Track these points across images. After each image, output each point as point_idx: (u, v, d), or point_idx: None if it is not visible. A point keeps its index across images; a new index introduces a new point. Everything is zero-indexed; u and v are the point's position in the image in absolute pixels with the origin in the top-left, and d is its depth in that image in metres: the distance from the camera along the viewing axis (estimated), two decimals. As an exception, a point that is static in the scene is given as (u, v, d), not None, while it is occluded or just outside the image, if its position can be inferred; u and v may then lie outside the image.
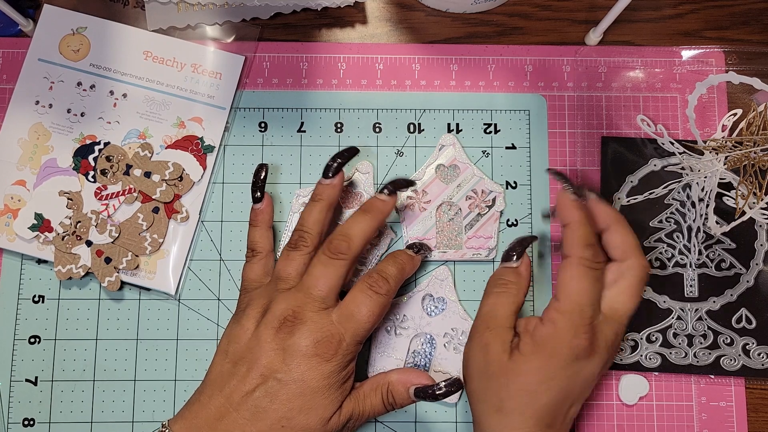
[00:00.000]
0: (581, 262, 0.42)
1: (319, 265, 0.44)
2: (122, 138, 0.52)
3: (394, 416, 0.50)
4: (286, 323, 0.42)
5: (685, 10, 0.56)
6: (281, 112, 0.54)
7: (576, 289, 0.42)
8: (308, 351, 0.42)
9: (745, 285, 0.51)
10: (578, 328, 0.41)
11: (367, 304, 0.43)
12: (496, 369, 0.42)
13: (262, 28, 0.54)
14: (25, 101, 0.52)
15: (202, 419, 0.41)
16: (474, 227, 0.51)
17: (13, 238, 0.51)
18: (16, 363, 0.50)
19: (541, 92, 0.54)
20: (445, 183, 0.52)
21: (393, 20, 0.55)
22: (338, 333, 0.42)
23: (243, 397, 0.41)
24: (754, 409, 0.51)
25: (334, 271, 0.44)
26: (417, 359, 0.50)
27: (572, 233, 0.43)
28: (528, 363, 0.41)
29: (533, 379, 0.41)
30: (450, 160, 0.52)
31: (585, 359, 0.41)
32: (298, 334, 0.42)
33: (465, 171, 0.52)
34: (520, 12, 0.56)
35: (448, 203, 0.52)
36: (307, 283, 0.43)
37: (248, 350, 0.42)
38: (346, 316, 0.43)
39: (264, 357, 0.42)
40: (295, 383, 0.41)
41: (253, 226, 0.49)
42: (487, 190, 0.52)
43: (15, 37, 0.54)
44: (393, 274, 0.45)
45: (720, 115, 0.53)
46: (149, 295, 0.51)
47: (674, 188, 0.52)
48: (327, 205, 0.46)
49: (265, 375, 0.42)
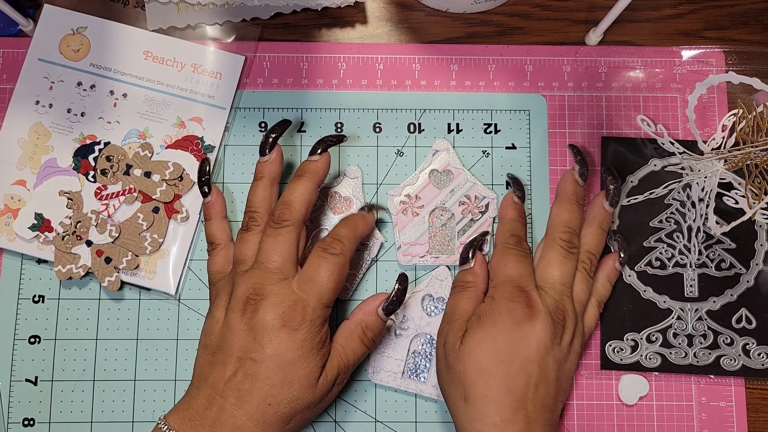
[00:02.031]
0: (505, 246, 0.47)
1: (267, 238, 0.44)
2: (122, 138, 0.52)
3: (393, 416, 0.50)
4: (249, 302, 0.43)
5: (685, 10, 0.56)
6: (281, 112, 0.54)
7: (503, 265, 0.46)
8: (275, 324, 0.42)
9: (745, 285, 0.51)
10: (512, 294, 0.44)
11: (324, 266, 0.44)
12: (453, 357, 0.44)
13: (262, 28, 0.54)
14: (25, 101, 0.52)
15: (194, 410, 0.42)
16: (467, 233, 0.51)
17: (13, 238, 0.51)
18: (16, 363, 0.50)
19: (541, 92, 0.54)
20: (438, 188, 0.52)
21: (393, 20, 0.55)
22: (301, 300, 0.43)
23: (225, 383, 0.42)
24: (754, 409, 0.51)
25: (283, 240, 0.44)
26: (417, 359, 0.50)
27: (501, 227, 0.49)
28: (474, 337, 0.44)
29: (482, 353, 0.43)
30: (443, 165, 0.52)
31: (526, 322, 0.43)
32: (261, 311, 0.42)
33: (458, 176, 0.52)
34: (520, 12, 0.56)
35: (441, 208, 0.52)
36: (261, 259, 0.44)
37: (222, 338, 0.43)
38: (306, 281, 0.43)
39: (237, 341, 0.43)
40: (271, 359, 0.42)
41: (208, 220, 0.50)
42: (480, 196, 0.52)
43: (15, 37, 0.54)
44: (345, 234, 0.46)
45: (720, 115, 0.53)
46: (149, 295, 0.51)
47: (674, 188, 0.52)
48: (269, 181, 0.47)
49: (242, 358, 0.42)
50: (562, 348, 0.45)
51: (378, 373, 0.50)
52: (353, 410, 0.50)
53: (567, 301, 0.46)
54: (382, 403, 0.50)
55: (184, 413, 0.43)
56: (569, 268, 0.46)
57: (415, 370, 0.50)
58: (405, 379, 0.50)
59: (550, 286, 0.46)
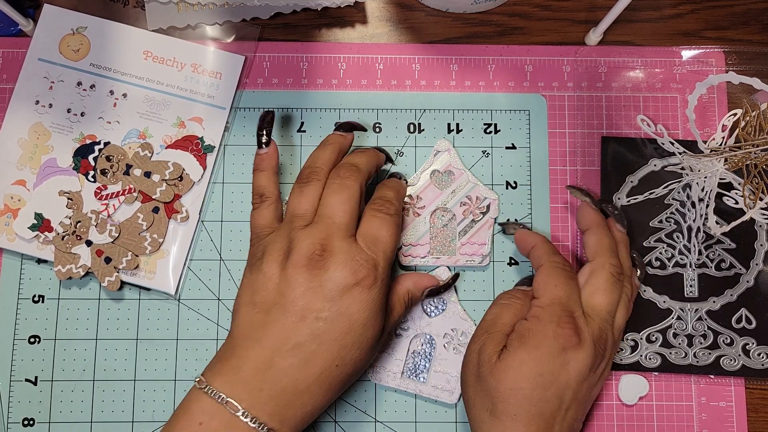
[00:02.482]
0: (552, 265, 0.45)
1: (332, 194, 0.43)
2: (122, 138, 0.52)
3: (393, 416, 0.50)
4: (315, 258, 0.41)
5: (685, 10, 0.56)
6: (281, 112, 0.54)
7: (552, 285, 0.44)
8: (348, 282, 0.41)
9: (745, 285, 0.51)
10: (560, 318, 0.43)
11: (385, 226, 0.43)
12: (487, 370, 0.43)
13: (262, 28, 0.54)
14: (25, 101, 0.52)
15: (247, 372, 0.40)
16: (468, 234, 0.51)
17: (13, 238, 0.51)
18: (16, 363, 0.50)
19: (541, 92, 0.54)
20: (439, 189, 0.52)
21: (393, 20, 0.55)
22: (372, 258, 0.42)
23: (286, 343, 0.40)
24: (754, 409, 0.51)
25: (349, 195, 0.43)
26: (417, 359, 0.50)
27: (539, 250, 0.47)
28: (514, 357, 0.42)
29: (521, 375, 0.41)
30: (445, 165, 0.52)
31: (571, 350, 0.42)
32: (332, 268, 0.41)
33: (460, 177, 0.52)
34: (520, 12, 0.56)
35: (442, 209, 0.51)
36: (326, 213, 0.43)
37: (280, 295, 0.41)
38: (372, 241, 0.43)
39: (300, 299, 0.40)
40: (343, 319, 0.40)
41: (260, 171, 0.47)
42: (481, 197, 0.52)
43: (15, 36, 0.54)
44: (392, 196, 0.46)
45: (720, 115, 0.53)
46: (149, 295, 0.51)
47: (674, 188, 0.52)
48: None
49: (306, 317, 0.40)
50: (596, 375, 0.44)
51: (378, 373, 0.50)
52: (353, 410, 0.50)
53: (609, 330, 0.44)
54: (382, 403, 0.50)
55: (234, 376, 0.40)
56: (616, 296, 0.45)
57: (414, 370, 0.50)
58: (404, 379, 0.50)
59: (597, 313, 0.44)
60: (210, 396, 0.40)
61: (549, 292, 0.44)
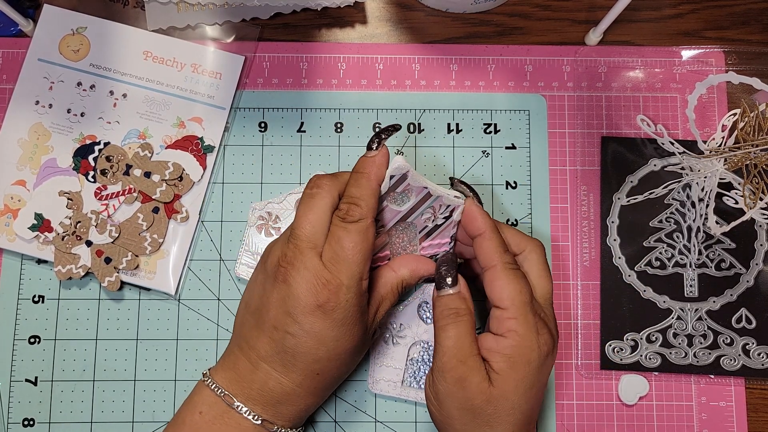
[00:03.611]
0: (507, 267, 0.42)
1: (300, 205, 0.42)
2: (122, 138, 0.52)
3: (393, 416, 0.50)
4: (280, 269, 0.40)
5: (685, 10, 0.56)
6: (281, 112, 0.54)
7: (515, 292, 0.41)
8: (308, 302, 0.39)
9: (745, 285, 0.51)
10: (535, 325, 0.41)
11: (348, 237, 0.40)
12: (481, 401, 0.40)
13: (262, 28, 0.54)
14: (25, 101, 0.52)
15: (241, 370, 0.42)
16: (430, 236, 0.47)
17: (13, 238, 0.51)
18: (16, 363, 0.50)
19: (541, 92, 0.54)
20: (398, 206, 0.45)
21: (393, 20, 0.55)
22: (334, 280, 0.40)
23: (267, 349, 0.41)
24: (754, 409, 0.51)
25: (313, 204, 0.41)
26: (415, 367, 0.50)
27: (489, 242, 0.43)
28: (508, 381, 0.40)
29: (518, 394, 0.41)
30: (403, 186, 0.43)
31: (551, 354, 0.42)
32: (294, 284, 0.40)
33: (420, 193, 0.44)
34: (520, 12, 0.56)
35: (401, 222, 0.46)
36: (293, 225, 0.42)
37: (260, 301, 0.42)
38: (334, 259, 0.40)
39: (272, 309, 0.41)
40: (308, 336, 0.40)
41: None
42: (445, 205, 0.45)
43: (15, 37, 0.54)
44: (358, 194, 0.41)
45: (720, 115, 0.53)
46: (149, 295, 0.51)
47: (674, 188, 0.52)
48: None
49: (277, 328, 0.40)
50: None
51: (378, 383, 0.50)
52: (353, 410, 0.50)
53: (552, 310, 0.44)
54: (382, 403, 0.50)
55: (231, 373, 0.42)
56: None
57: (415, 377, 0.50)
58: (405, 387, 0.50)
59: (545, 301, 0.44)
60: (211, 389, 0.42)
61: (516, 299, 0.41)
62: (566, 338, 0.51)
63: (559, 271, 0.52)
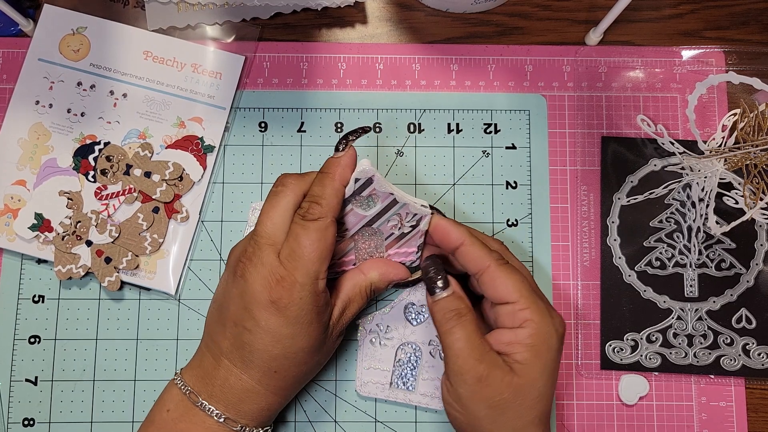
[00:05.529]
0: (500, 263, 0.42)
1: (264, 203, 0.42)
2: (122, 138, 0.52)
3: (393, 416, 0.50)
4: (239, 265, 0.41)
5: (685, 10, 0.56)
6: (281, 112, 0.54)
7: (519, 283, 0.42)
8: (262, 298, 0.40)
9: (745, 285, 0.51)
10: (549, 310, 0.42)
11: (305, 235, 0.40)
12: (509, 393, 0.40)
13: (262, 28, 0.54)
14: (25, 101, 0.52)
15: (206, 368, 0.43)
16: (397, 244, 0.46)
17: (13, 238, 0.51)
18: (16, 363, 0.50)
19: (541, 92, 0.54)
20: (363, 211, 0.44)
21: (393, 20, 0.55)
22: (289, 277, 0.40)
23: (228, 344, 0.42)
24: (754, 409, 0.51)
25: (275, 203, 0.42)
26: (403, 369, 0.50)
27: (472, 248, 0.42)
28: (534, 368, 0.40)
29: (543, 380, 0.41)
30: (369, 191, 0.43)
31: (564, 334, 0.42)
32: (250, 279, 0.40)
33: (386, 199, 0.43)
34: (520, 12, 0.56)
35: (366, 229, 0.45)
36: (256, 223, 0.42)
37: (223, 297, 0.42)
38: (290, 255, 0.40)
39: (231, 304, 0.41)
40: (264, 333, 0.40)
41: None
42: (411, 213, 0.44)
43: (15, 37, 0.54)
44: (320, 192, 0.41)
45: (720, 115, 0.53)
46: (149, 295, 0.51)
47: (674, 188, 0.52)
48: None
49: (237, 324, 0.41)
50: None
51: (365, 386, 0.50)
52: (353, 410, 0.50)
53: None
54: (382, 403, 0.50)
55: (198, 370, 0.43)
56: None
57: (402, 379, 0.50)
58: (393, 389, 0.50)
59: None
60: (178, 387, 0.43)
61: (523, 290, 0.41)
62: (566, 338, 0.51)
63: (559, 271, 0.52)
